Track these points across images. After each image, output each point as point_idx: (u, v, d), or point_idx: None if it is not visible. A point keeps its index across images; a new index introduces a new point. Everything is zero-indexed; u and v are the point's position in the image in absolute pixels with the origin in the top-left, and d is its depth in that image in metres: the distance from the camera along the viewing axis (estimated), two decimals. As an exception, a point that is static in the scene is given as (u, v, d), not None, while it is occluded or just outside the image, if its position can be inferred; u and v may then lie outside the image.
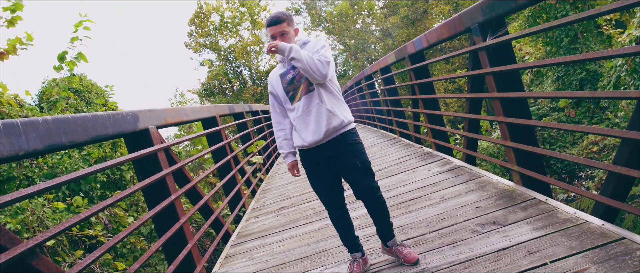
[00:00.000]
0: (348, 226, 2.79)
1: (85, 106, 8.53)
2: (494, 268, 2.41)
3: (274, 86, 2.69)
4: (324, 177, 2.68)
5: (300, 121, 2.58)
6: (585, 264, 2.21)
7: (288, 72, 2.61)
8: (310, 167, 2.71)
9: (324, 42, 2.57)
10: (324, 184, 2.70)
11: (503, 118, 3.75)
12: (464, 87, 20.40)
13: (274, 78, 2.70)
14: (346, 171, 2.61)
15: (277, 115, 2.76)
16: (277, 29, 2.51)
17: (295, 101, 2.59)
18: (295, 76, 2.58)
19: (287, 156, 2.77)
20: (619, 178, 2.69)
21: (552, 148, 10.29)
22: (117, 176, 6.56)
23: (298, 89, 2.57)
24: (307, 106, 2.55)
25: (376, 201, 2.67)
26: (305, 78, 2.54)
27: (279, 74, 2.65)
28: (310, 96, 2.55)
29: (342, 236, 2.82)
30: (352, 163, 2.58)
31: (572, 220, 2.71)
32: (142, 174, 3.37)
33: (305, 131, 2.57)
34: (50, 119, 2.37)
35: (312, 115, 2.54)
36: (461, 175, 4.38)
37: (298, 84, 2.57)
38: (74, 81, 6.10)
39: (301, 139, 2.60)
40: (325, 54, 2.49)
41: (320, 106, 2.53)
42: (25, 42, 5.42)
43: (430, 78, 6.06)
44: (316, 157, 2.63)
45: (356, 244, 2.81)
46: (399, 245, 2.78)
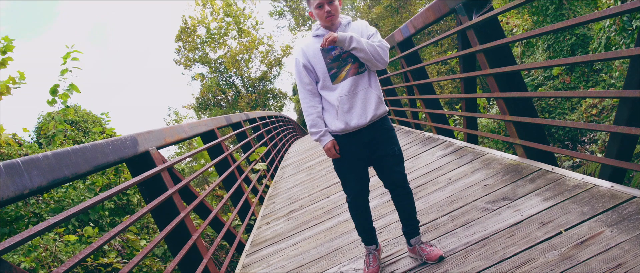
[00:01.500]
0: (369, 220, 2.71)
1: (83, 136, 8.53)
2: (509, 244, 2.41)
3: (311, 59, 2.45)
4: (357, 165, 2.54)
5: (344, 101, 2.39)
6: (599, 228, 2.22)
7: (334, 47, 2.40)
8: (345, 154, 2.52)
9: (375, 29, 2.47)
10: (355, 173, 2.56)
11: (499, 94, 3.75)
12: (456, 68, 20.39)
13: (311, 52, 2.45)
14: (381, 158, 2.50)
15: (307, 92, 2.50)
16: None
17: (338, 80, 2.41)
18: (342, 53, 2.40)
19: (325, 134, 2.50)
20: (622, 138, 2.70)
21: (552, 117, 10.29)
22: (124, 202, 6.56)
23: (343, 68, 2.40)
24: (355, 88, 2.39)
25: (406, 191, 2.59)
26: (355, 58, 2.38)
27: (319, 49, 2.44)
28: (359, 78, 2.40)
29: (362, 229, 2.72)
30: (389, 149, 2.48)
31: (580, 186, 2.71)
32: (149, 196, 3.37)
33: (349, 114, 2.40)
34: (51, 154, 2.37)
35: (359, 98, 2.39)
36: (465, 155, 4.38)
37: (344, 63, 2.40)
38: (69, 112, 6.10)
39: (342, 123, 2.42)
40: (382, 40, 2.41)
41: (369, 90, 2.41)
42: (18, 81, 5.42)
43: (422, 63, 6.06)
44: (354, 143, 2.48)
45: (373, 236, 2.75)
46: (422, 243, 2.65)
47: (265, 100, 32.00)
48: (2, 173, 1.97)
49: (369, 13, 27.60)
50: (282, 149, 11.75)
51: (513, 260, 2.25)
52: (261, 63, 32.71)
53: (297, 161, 9.33)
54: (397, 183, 2.56)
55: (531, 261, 2.18)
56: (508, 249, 2.37)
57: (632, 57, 2.45)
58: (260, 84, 32.33)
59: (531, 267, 2.13)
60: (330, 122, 2.47)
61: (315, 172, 6.95)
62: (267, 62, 32.56)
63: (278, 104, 33.03)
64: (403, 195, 2.59)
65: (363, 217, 2.69)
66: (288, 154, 11.67)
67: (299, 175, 7.38)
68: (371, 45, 2.34)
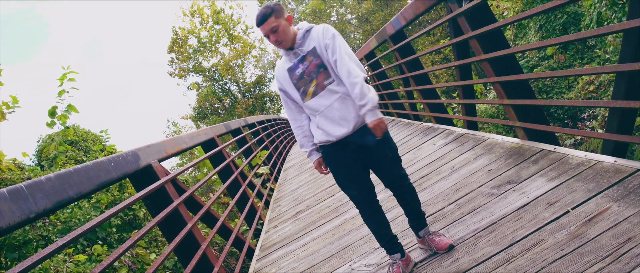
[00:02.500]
0: (384, 225, 2.53)
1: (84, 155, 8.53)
2: (518, 227, 2.41)
3: (282, 82, 2.44)
4: (353, 172, 2.43)
5: (322, 117, 2.33)
6: (606, 204, 2.22)
7: (296, 66, 2.35)
8: (337, 163, 2.44)
9: (333, 31, 2.30)
10: (353, 180, 2.45)
11: (495, 78, 3.75)
12: (451, 56, 20.37)
13: (281, 74, 2.43)
14: (375, 161, 2.41)
15: (292, 111, 2.50)
16: (266, 27, 2.22)
17: (308, 97, 2.34)
18: (305, 70, 2.32)
19: (311, 154, 2.51)
20: (622, 113, 2.70)
21: (549, 97, 10.29)
22: (130, 217, 6.56)
23: (310, 83, 2.32)
24: (329, 100, 2.30)
25: (406, 189, 2.50)
26: (318, 71, 2.29)
27: (286, 69, 2.39)
28: (330, 89, 2.29)
29: (378, 236, 2.55)
30: (382, 152, 2.38)
31: (584, 163, 2.71)
32: (154, 209, 3.37)
33: (331, 126, 2.32)
34: (54, 176, 2.37)
35: (335, 109, 2.29)
36: (466, 142, 4.38)
37: (309, 78, 2.32)
38: (69, 133, 6.10)
39: (326, 134, 2.35)
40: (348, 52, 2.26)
41: (345, 98, 2.29)
42: (12, 105, 5.42)
43: (415, 54, 6.06)
44: (344, 151, 2.38)
45: (394, 244, 2.54)
46: (431, 234, 2.61)
47: (262, 104, 32.01)
48: (6, 199, 1.97)
49: (359, 8, 27.58)
50: (283, 151, 11.75)
51: (523, 243, 2.25)
52: (255, 67, 32.73)
53: (299, 162, 9.34)
54: (395, 183, 2.49)
55: (541, 242, 2.18)
56: (517, 232, 2.37)
57: (624, 31, 2.45)
58: (256, 89, 32.34)
59: (541, 248, 2.13)
60: (317, 134, 2.41)
61: (318, 172, 6.95)
62: (261, 65, 32.57)
63: (276, 107, 33.02)
64: (404, 192, 2.51)
65: (375, 223, 2.53)
66: (290, 156, 11.67)
67: (303, 176, 7.38)
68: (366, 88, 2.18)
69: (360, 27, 28.81)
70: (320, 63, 2.30)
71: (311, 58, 2.31)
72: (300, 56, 2.34)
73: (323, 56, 2.30)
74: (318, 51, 2.30)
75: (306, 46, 2.33)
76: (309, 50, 2.32)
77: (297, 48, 2.33)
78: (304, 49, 2.33)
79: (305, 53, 2.32)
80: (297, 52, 2.34)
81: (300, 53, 2.34)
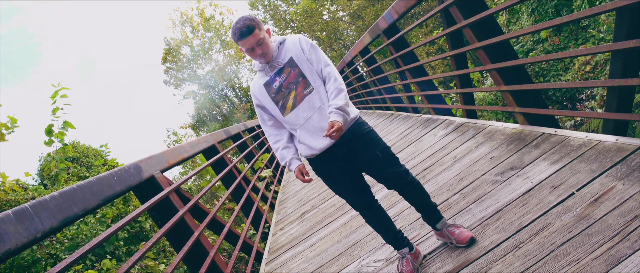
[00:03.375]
0: (386, 222, 2.51)
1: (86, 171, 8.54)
2: (524, 212, 2.42)
3: (259, 97, 2.39)
4: (343, 181, 2.41)
5: (303, 130, 2.29)
6: (610, 183, 2.22)
7: (273, 79, 2.30)
8: (326, 175, 2.42)
9: (311, 41, 2.31)
10: (345, 188, 2.44)
11: (491, 65, 3.75)
12: (445, 46, 20.36)
13: (257, 89, 2.38)
14: (367, 165, 2.33)
15: (269, 127, 2.45)
16: (252, 39, 2.15)
17: (288, 111, 2.30)
18: (283, 83, 2.28)
19: (291, 162, 2.41)
20: (620, 91, 2.70)
21: (547, 80, 10.28)
22: (137, 229, 6.57)
23: (288, 96, 2.28)
24: (309, 112, 2.26)
25: (410, 186, 2.38)
26: (296, 83, 2.26)
27: (262, 84, 2.34)
28: (309, 100, 2.26)
29: (384, 235, 2.53)
30: (371, 154, 2.29)
31: (586, 144, 2.72)
32: (160, 220, 3.37)
33: (313, 138, 2.28)
34: (57, 194, 2.38)
35: (315, 120, 2.25)
36: (466, 131, 4.38)
37: (287, 91, 2.28)
38: (68, 150, 6.10)
39: (309, 149, 2.31)
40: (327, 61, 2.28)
41: (323, 109, 2.25)
42: (11, 126, 5.42)
43: (410, 47, 6.05)
44: (329, 162, 2.35)
45: (400, 239, 2.52)
46: (450, 226, 2.51)
47: (260, 107, 31.99)
48: (12, 221, 1.98)
49: (350, 5, 27.56)
50: (284, 153, 11.73)
51: (530, 228, 2.25)
52: (250, 72, 32.72)
53: (301, 163, 9.33)
54: (395, 182, 2.37)
55: (548, 226, 2.18)
56: (523, 218, 2.37)
57: (617, 9, 2.45)
58: (253, 92, 32.34)
59: (549, 232, 2.14)
60: (300, 149, 2.37)
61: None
62: (257, 69, 32.56)
63: (273, 110, 33.02)
64: (408, 188, 2.40)
65: (376, 222, 2.52)
66: (291, 158, 11.65)
67: (306, 176, 7.38)
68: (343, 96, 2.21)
69: (352, 24, 28.79)
70: (299, 72, 2.27)
71: (289, 69, 2.28)
72: (277, 69, 2.29)
73: (301, 65, 2.27)
74: (296, 60, 2.28)
75: (282, 57, 2.30)
76: (285, 61, 2.28)
77: (273, 61, 2.29)
78: (280, 61, 2.29)
79: (282, 65, 2.28)
80: (274, 65, 2.29)
81: (277, 66, 2.29)
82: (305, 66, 2.27)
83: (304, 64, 2.27)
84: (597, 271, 1.74)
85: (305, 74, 2.27)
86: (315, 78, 2.28)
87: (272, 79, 2.31)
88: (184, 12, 30.60)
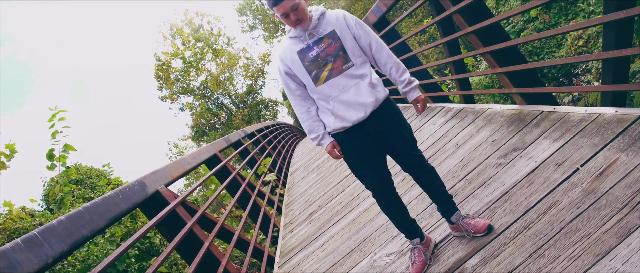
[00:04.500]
0: (402, 211, 2.48)
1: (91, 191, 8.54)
2: (531, 192, 2.42)
3: (289, 65, 2.29)
4: (371, 158, 2.34)
5: (337, 102, 2.24)
6: (614, 155, 2.22)
7: (310, 48, 2.23)
8: (354, 150, 2.34)
9: (355, 17, 2.28)
10: (371, 168, 2.36)
11: (484, 49, 3.75)
12: (436, 34, 20.36)
13: (288, 56, 2.29)
14: (392, 143, 2.32)
15: (296, 97, 2.36)
16: (287, 5, 2.10)
17: (321, 82, 2.24)
18: (320, 53, 2.22)
19: (323, 137, 2.35)
20: (615, 62, 2.70)
21: (541, 58, 10.28)
22: (147, 245, 6.57)
23: (323, 68, 2.23)
24: (343, 86, 2.23)
25: (426, 170, 2.39)
26: (335, 56, 2.21)
27: (296, 51, 2.26)
28: (347, 74, 2.23)
29: (398, 223, 2.50)
30: (399, 134, 2.30)
31: (586, 119, 2.72)
32: (169, 234, 3.37)
33: (346, 111, 2.24)
34: (65, 218, 2.38)
35: (351, 94, 2.22)
36: (466, 116, 4.38)
37: (323, 62, 2.22)
38: (71, 172, 6.10)
39: (340, 121, 2.26)
40: (376, 36, 2.31)
41: (360, 83, 2.23)
42: (10, 153, 5.43)
43: (401, 38, 6.06)
44: (359, 137, 2.30)
45: (414, 229, 2.49)
46: (465, 217, 2.46)
47: (258, 112, 31.99)
48: (22, 249, 1.98)
49: (338, 1, 27.55)
50: (286, 155, 11.75)
51: (538, 207, 2.26)
52: (244, 78, 32.71)
53: (304, 164, 9.34)
54: (414, 165, 2.38)
55: (556, 204, 2.19)
56: (531, 198, 2.38)
57: (605, -19, 2.46)
58: (249, 98, 32.34)
59: (557, 209, 2.14)
60: (329, 122, 2.32)
61: (324, 169, 6.96)
62: (250, 74, 32.55)
63: (271, 113, 33.02)
64: (424, 173, 2.40)
65: (393, 210, 2.47)
66: (294, 159, 11.67)
67: (310, 176, 7.39)
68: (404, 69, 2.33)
69: (342, 20, 28.75)
70: (340, 46, 2.22)
71: (329, 41, 2.22)
72: (316, 38, 2.22)
73: (345, 40, 2.23)
74: (339, 33, 2.22)
75: (323, 28, 2.24)
76: (326, 33, 2.22)
77: (312, 29, 2.22)
78: (321, 31, 2.23)
79: (322, 35, 2.22)
80: (313, 33, 2.22)
81: (316, 35, 2.22)
82: (348, 42, 2.23)
83: (347, 39, 2.23)
84: (609, 244, 1.75)
85: (347, 49, 2.23)
86: (357, 55, 2.25)
87: (309, 47, 2.24)
88: (174, 23, 30.57)
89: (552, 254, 1.89)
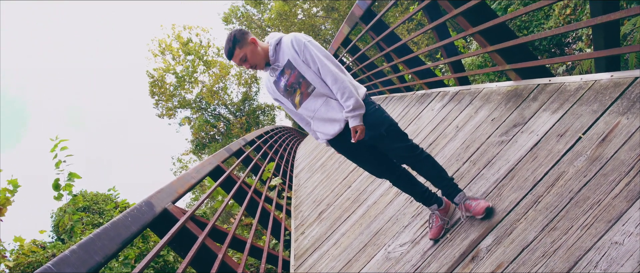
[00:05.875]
0: (412, 183, 2.61)
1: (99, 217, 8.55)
2: (536, 166, 2.42)
3: (273, 94, 2.56)
4: (362, 154, 2.54)
5: (315, 121, 2.46)
6: (614, 120, 2.23)
7: (279, 79, 2.43)
8: (345, 151, 2.57)
9: (303, 40, 2.34)
10: (366, 160, 2.57)
11: (473, 29, 3.75)
12: (424, 20, 20.33)
13: (270, 87, 2.53)
14: (375, 144, 2.46)
15: (295, 115, 2.63)
16: (235, 60, 2.35)
17: (298, 107, 2.46)
18: (287, 83, 2.41)
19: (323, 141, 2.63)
20: (605, 27, 2.70)
21: (530, 31, 10.28)
22: (161, 263, 6.58)
23: (294, 94, 2.42)
24: (314, 106, 2.41)
25: (419, 159, 2.43)
26: (298, 84, 2.37)
27: (273, 82, 2.49)
28: (314, 96, 2.38)
29: (413, 194, 2.63)
30: (378, 135, 2.38)
31: (582, 87, 2.72)
32: (182, 250, 3.37)
33: (324, 126, 2.45)
34: (77, 247, 2.38)
35: (322, 112, 2.40)
36: (463, 98, 4.39)
37: (292, 89, 2.41)
38: (78, 200, 6.11)
39: (323, 135, 2.51)
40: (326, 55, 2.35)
41: (329, 100, 2.38)
42: (13, 188, 5.44)
43: (390, 28, 6.05)
44: (344, 141, 2.48)
45: (429, 196, 2.60)
46: (467, 199, 2.49)
47: (255, 118, 32.01)
48: (39, 283, 1.98)
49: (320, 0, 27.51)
50: (289, 158, 11.76)
51: (545, 181, 2.26)
52: (238, 86, 32.70)
53: (308, 164, 9.35)
54: (404, 157, 2.44)
55: (563, 175, 2.19)
56: (537, 172, 2.38)
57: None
58: (245, 106, 32.34)
59: (564, 180, 2.14)
60: (317, 137, 2.62)
61: (328, 168, 6.96)
62: (243, 82, 32.54)
63: (269, 118, 33.02)
64: (419, 162, 2.45)
65: (402, 183, 2.63)
66: (297, 161, 11.68)
67: (315, 176, 7.39)
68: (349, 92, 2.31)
69: (328, 17, 28.76)
70: (299, 74, 2.36)
71: (289, 71, 2.37)
72: (278, 71, 2.40)
73: (299, 67, 2.35)
74: (293, 63, 2.35)
75: (281, 59, 2.39)
76: (284, 63, 2.37)
77: (273, 64, 2.41)
78: (279, 64, 2.39)
79: (282, 67, 2.39)
80: (274, 67, 2.41)
81: (277, 68, 2.40)
82: (303, 68, 2.35)
83: (301, 66, 2.35)
84: (620, 209, 1.75)
85: (305, 75, 2.36)
86: (315, 76, 2.37)
87: (278, 78, 2.44)
88: (162, 40, 30.55)
89: (565, 225, 1.90)
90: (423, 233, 2.78)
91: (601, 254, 1.65)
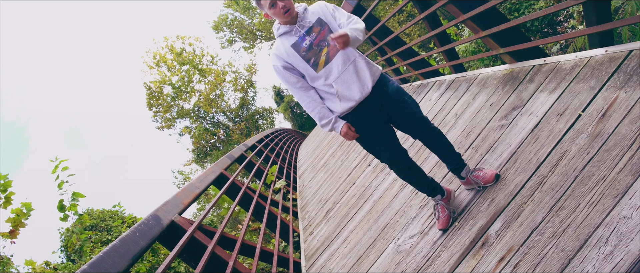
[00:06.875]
0: (421, 175, 2.61)
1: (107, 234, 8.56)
2: (538, 147, 2.42)
3: (286, 58, 2.38)
4: (383, 132, 2.45)
5: (339, 83, 2.33)
6: (612, 94, 2.23)
7: (302, 39, 2.34)
8: (365, 127, 2.44)
9: (333, 5, 2.40)
10: (384, 140, 2.46)
11: (463, 16, 3.75)
12: (414, 11, 20.32)
13: (284, 52, 2.38)
14: (398, 111, 2.41)
15: (299, 90, 2.42)
16: None
17: (321, 67, 2.34)
18: (313, 41, 2.33)
19: (336, 121, 2.43)
20: (595, 3, 2.70)
21: (521, 13, 10.27)
22: (172, 276, 6.59)
23: (320, 53, 2.33)
24: (342, 66, 2.32)
25: (434, 132, 2.48)
26: (328, 40, 2.31)
27: (290, 45, 2.36)
28: (344, 53, 2.32)
29: (419, 186, 2.63)
30: (402, 101, 2.39)
31: (578, 64, 2.72)
32: (192, 260, 3.38)
33: (349, 90, 2.34)
34: (87, 267, 2.38)
35: (351, 72, 2.33)
36: (459, 86, 4.39)
37: (319, 48, 2.33)
38: (85, 219, 6.12)
39: (346, 101, 2.36)
40: (352, 17, 2.35)
41: (357, 60, 2.35)
42: (27, 211, 5.45)
43: (380, 22, 6.05)
44: (367, 112, 2.40)
45: (434, 187, 2.63)
46: (474, 171, 2.61)
47: (254, 123, 32.00)
48: (54, 305, 1.99)
49: (312, -2, 27.52)
50: (291, 160, 11.76)
51: (549, 161, 2.26)
52: (235, 91, 32.71)
53: (310, 164, 9.35)
54: (423, 127, 2.46)
55: (566, 153, 2.19)
56: (539, 153, 2.38)
57: None
58: (243, 111, 32.35)
59: (568, 159, 2.14)
60: (335, 106, 2.40)
61: (331, 166, 6.96)
62: (240, 87, 32.55)
63: (268, 121, 33.03)
64: (433, 135, 2.49)
65: (412, 174, 2.59)
66: (299, 162, 11.68)
67: (319, 176, 7.40)
68: (357, 31, 2.25)
69: (319, 16, 28.70)
70: (329, 30, 2.34)
71: (318, 28, 2.34)
72: (306, 28, 2.34)
73: (330, 23, 2.35)
74: (324, 19, 2.35)
75: (309, 18, 2.37)
76: (314, 21, 2.35)
77: (300, 22, 2.35)
78: (308, 21, 2.36)
79: (311, 24, 2.35)
80: (302, 24, 2.35)
81: (306, 25, 2.34)
82: (334, 26, 2.35)
83: (332, 23, 2.36)
84: (625, 183, 1.75)
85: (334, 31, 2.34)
86: None
87: (301, 38, 2.35)
88: (156, 52, 30.55)
89: (572, 204, 1.90)
90: (431, 224, 2.78)
91: (611, 230, 1.66)
